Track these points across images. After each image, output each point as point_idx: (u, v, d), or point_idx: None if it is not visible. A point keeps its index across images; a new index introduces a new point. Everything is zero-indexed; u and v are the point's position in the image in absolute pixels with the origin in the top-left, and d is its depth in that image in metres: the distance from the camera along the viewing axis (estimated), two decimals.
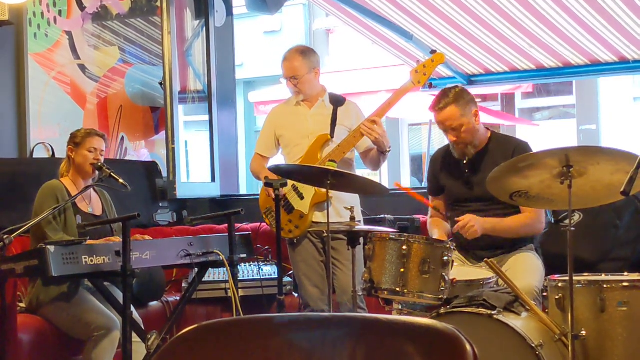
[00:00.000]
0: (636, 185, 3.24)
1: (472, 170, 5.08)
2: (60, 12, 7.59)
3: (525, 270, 4.84)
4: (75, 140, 5.53)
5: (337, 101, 5.88)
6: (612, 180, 3.93)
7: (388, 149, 5.65)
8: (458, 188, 5.15)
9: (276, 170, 5.34)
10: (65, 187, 5.46)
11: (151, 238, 5.50)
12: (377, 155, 5.71)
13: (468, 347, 1.80)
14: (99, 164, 5.46)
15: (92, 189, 5.58)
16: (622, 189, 3.15)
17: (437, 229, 5.13)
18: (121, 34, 8.07)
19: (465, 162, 5.09)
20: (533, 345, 3.94)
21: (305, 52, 5.82)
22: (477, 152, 5.08)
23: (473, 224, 4.82)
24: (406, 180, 17.80)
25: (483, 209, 5.00)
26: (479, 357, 1.88)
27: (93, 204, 5.61)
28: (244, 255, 5.75)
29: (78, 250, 4.73)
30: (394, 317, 1.99)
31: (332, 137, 5.73)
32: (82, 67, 7.71)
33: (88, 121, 7.62)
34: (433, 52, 5.82)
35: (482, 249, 4.90)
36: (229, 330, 2.11)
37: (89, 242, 4.94)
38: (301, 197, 5.70)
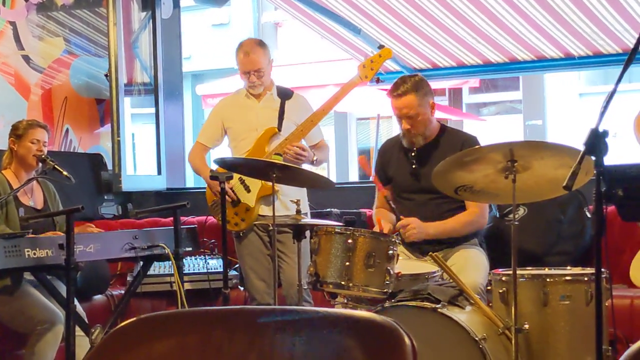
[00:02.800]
0: (579, 180, 3.26)
1: (420, 162, 5.08)
2: (4, 2, 7.49)
3: (470, 265, 4.86)
4: (17, 132, 5.46)
5: (285, 94, 5.87)
6: (555, 175, 3.96)
7: (314, 162, 5.65)
8: (405, 179, 5.15)
9: (222, 163, 5.32)
10: (7, 179, 5.39)
11: (101, 230, 5.46)
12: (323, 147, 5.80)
13: (407, 339, 1.81)
14: (43, 155, 5.41)
15: (35, 182, 5.52)
16: (564, 184, 3.16)
17: (383, 219, 5.12)
18: (66, 25, 7.98)
19: (413, 153, 5.10)
20: (477, 338, 3.96)
21: (263, 45, 5.81)
22: (426, 143, 5.08)
23: (414, 226, 4.82)
24: (354, 175, 17.84)
25: (428, 202, 5.01)
26: (424, 350, 1.89)
27: (35, 197, 5.55)
28: (190, 249, 5.73)
29: (20, 243, 4.67)
30: (334, 310, 2.00)
31: (280, 130, 5.72)
32: (26, 58, 7.62)
33: (32, 112, 7.53)
34: (381, 47, 5.84)
35: (427, 242, 4.91)
36: (168, 323, 2.10)
37: (31, 235, 4.88)
38: (247, 189, 5.69)
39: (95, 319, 5.43)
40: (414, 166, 5.11)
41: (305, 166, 5.72)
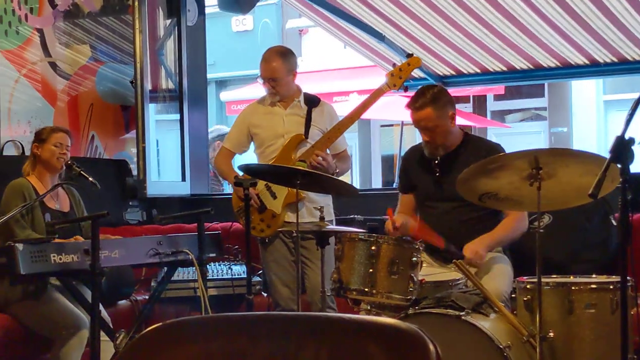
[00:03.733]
0: (605, 188, 3.25)
1: (443, 170, 5.06)
2: (31, 10, 7.54)
3: (494, 273, 4.83)
4: (41, 137, 5.50)
5: (312, 102, 5.86)
6: (581, 183, 3.94)
7: (334, 174, 5.63)
8: (428, 187, 5.13)
9: (246, 169, 5.33)
10: (33, 185, 5.42)
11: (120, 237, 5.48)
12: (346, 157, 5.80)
13: (431, 346, 1.81)
14: (69, 161, 5.44)
15: (60, 187, 5.54)
16: (590, 192, 3.15)
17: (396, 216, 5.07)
18: (93, 32, 8.03)
19: (437, 161, 5.08)
20: (501, 346, 3.95)
21: (284, 54, 5.78)
22: (449, 152, 5.06)
23: (481, 253, 4.74)
24: (377, 182, 17.83)
25: (452, 210, 4.99)
26: (447, 358, 1.88)
27: (60, 200, 5.58)
28: (214, 255, 5.74)
29: (47, 248, 4.70)
30: (358, 316, 1.99)
31: (307, 137, 5.72)
32: (53, 65, 7.67)
33: (58, 119, 7.58)
34: (409, 55, 5.81)
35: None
36: (192, 328, 2.10)
37: (57, 240, 4.91)
38: (274, 196, 5.69)
39: (119, 324, 5.45)
40: (437, 174, 5.09)
41: None
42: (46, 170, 5.49)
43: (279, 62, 5.70)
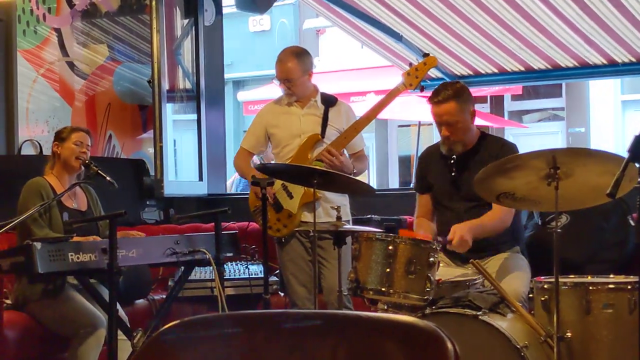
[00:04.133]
0: (623, 188, 3.24)
1: (459, 170, 5.05)
2: (49, 10, 7.57)
3: (511, 273, 4.82)
4: (61, 135, 5.52)
5: (329, 102, 5.86)
6: (599, 183, 3.92)
7: (352, 173, 5.62)
8: (444, 187, 5.12)
9: (263, 169, 5.33)
10: (50, 184, 5.44)
11: (144, 235, 5.50)
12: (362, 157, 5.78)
13: (449, 344, 1.80)
14: (87, 161, 5.45)
15: (77, 186, 5.56)
16: (608, 191, 3.15)
17: (423, 230, 5.10)
18: (110, 32, 8.06)
19: (452, 161, 5.07)
20: (518, 346, 3.94)
21: (299, 55, 5.78)
22: (465, 151, 5.05)
23: (465, 238, 4.73)
24: (394, 181, 17.81)
25: (469, 210, 4.98)
26: (464, 357, 1.88)
27: (78, 199, 5.60)
28: (231, 254, 5.74)
29: (64, 247, 4.71)
30: (376, 314, 2.00)
31: (323, 137, 5.72)
32: (71, 65, 7.70)
33: (76, 118, 7.61)
34: (425, 55, 5.81)
35: (468, 251, 4.86)
36: (210, 326, 2.10)
37: (74, 239, 4.93)
38: (290, 196, 5.69)
39: (137, 323, 5.46)
40: (453, 174, 5.08)
41: None
42: (64, 170, 5.51)
43: (294, 63, 5.70)
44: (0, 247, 5.27)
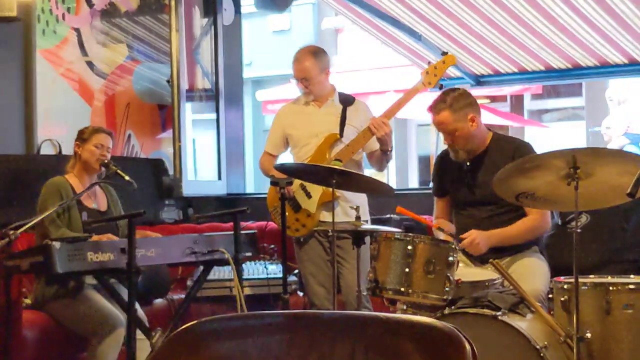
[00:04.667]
0: None
1: (473, 174, 5.05)
2: (68, 9, 7.59)
3: (531, 273, 4.81)
4: (83, 137, 5.53)
5: (347, 101, 5.86)
6: (619, 182, 3.90)
7: (390, 149, 5.63)
8: (461, 192, 5.12)
9: (282, 169, 5.34)
10: (70, 183, 5.45)
11: (160, 235, 5.51)
12: (381, 155, 5.70)
13: (467, 345, 1.80)
14: (106, 160, 5.46)
15: (97, 186, 5.57)
16: (628, 191, 3.13)
17: (442, 231, 5.09)
18: (129, 31, 8.07)
19: (466, 166, 5.06)
20: (538, 347, 3.93)
21: (316, 53, 5.78)
22: (477, 154, 5.04)
23: (478, 241, 4.77)
24: (414, 181, 17.78)
25: (486, 215, 4.97)
26: (483, 358, 1.87)
27: (98, 199, 5.61)
28: (249, 254, 5.74)
29: (83, 246, 4.72)
30: (394, 315, 2.00)
31: (341, 136, 5.71)
32: (90, 64, 7.71)
33: (95, 118, 7.62)
34: (444, 53, 5.81)
35: (488, 251, 4.85)
36: (227, 326, 2.10)
37: (94, 238, 4.94)
38: (309, 195, 5.69)
39: (155, 322, 5.46)
40: (467, 179, 5.07)
41: (366, 172, 5.72)
42: (84, 170, 5.52)
43: (311, 62, 5.70)
44: (20, 246, 5.29)
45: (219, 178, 8.05)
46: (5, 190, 6.38)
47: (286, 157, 6.17)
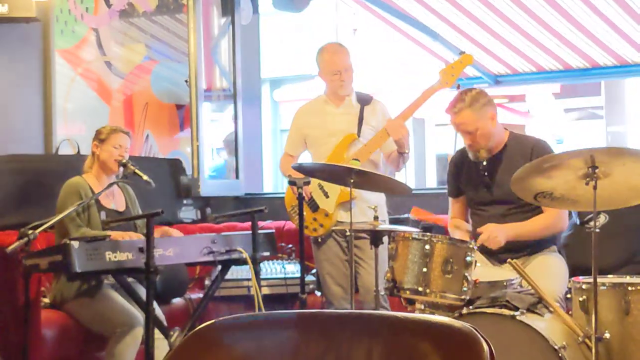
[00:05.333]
0: None
1: (491, 173, 5.03)
2: (87, 9, 7.62)
3: (549, 273, 4.80)
4: (101, 137, 5.54)
5: (364, 100, 5.87)
6: (638, 182, 3.89)
7: (407, 151, 5.63)
8: (477, 191, 5.11)
9: (299, 168, 5.34)
10: (89, 183, 5.47)
11: (181, 233, 5.52)
12: (398, 156, 5.70)
13: (485, 345, 1.79)
14: (124, 160, 5.47)
15: (115, 185, 5.59)
16: None
17: (459, 230, 5.10)
18: (147, 31, 8.09)
19: (484, 164, 5.05)
20: (556, 347, 3.92)
21: (346, 48, 5.87)
22: (495, 154, 5.03)
23: (496, 234, 4.77)
24: (431, 181, 17.75)
25: (504, 213, 4.96)
26: (502, 358, 1.87)
27: (116, 199, 5.62)
28: (267, 254, 5.75)
29: (102, 246, 4.74)
30: (411, 314, 1.99)
31: (359, 136, 5.72)
32: (109, 64, 7.74)
33: (114, 118, 7.65)
34: (462, 53, 5.82)
35: (505, 251, 4.85)
36: (245, 326, 2.10)
37: (112, 237, 4.95)
38: (326, 195, 5.70)
39: (173, 322, 5.48)
40: (485, 178, 5.06)
41: (384, 170, 5.72)
42: (102, 170, 5.54)
43: (347, 53, 5.82)
44: (39, 246, 5.30)
45: (237, 177, 8.06)
46: (23, 189, 6.40)
47: (305, 157, 6.17)
